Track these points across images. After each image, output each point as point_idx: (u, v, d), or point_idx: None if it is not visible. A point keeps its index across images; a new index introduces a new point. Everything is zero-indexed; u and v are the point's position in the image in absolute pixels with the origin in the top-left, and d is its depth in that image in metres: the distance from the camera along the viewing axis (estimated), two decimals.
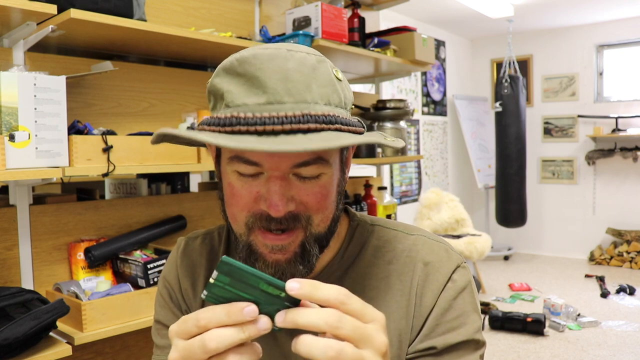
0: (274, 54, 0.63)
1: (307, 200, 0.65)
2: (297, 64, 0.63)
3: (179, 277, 0.84)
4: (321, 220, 0.67)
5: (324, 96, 0.63)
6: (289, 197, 0.64)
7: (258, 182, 0.64)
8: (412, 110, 2.79)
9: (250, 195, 0.65)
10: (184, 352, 0.50)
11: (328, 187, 0.66)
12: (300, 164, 0.63)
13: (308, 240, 0.66)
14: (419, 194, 5.40)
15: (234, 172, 0.65)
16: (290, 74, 0.62)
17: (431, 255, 0.74)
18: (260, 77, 0.62)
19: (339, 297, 0.50)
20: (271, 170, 0.63)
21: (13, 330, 1.21)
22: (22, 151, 1.29)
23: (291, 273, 0.66)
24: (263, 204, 0.64)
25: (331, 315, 0.48)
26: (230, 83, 0.64)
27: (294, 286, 0.49)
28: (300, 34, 2.00)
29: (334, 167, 0.67)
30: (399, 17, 5.01)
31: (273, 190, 0.63)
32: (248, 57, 0.64)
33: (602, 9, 5.18)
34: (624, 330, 3.66)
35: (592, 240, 5.81)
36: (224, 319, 0.49)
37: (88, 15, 1.40)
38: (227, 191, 0.68)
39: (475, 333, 0.71)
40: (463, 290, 0.73)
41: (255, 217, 0.65)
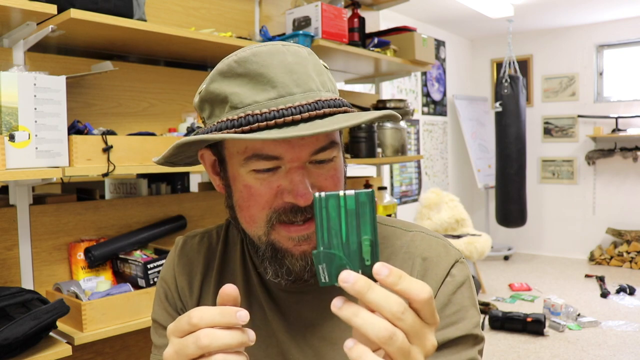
0: (272, 49, 0.65)
1: (325, 184, 0.67)
2: (295, 57, 0.66)
3: (176, 275, 0.84)
4: None
5: (324, 84, 0.67)
6: (311, 184, 0.65)
7: (277, 177, 0.65)
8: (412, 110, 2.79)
9: (270, 192, 0.66)
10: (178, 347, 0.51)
11: (340, 170, 0.69)
12: (319, 150, 0.65)
13: None
14: (419, 194, 5.40)
15: (250, 172, 0.66)
16: (293, 67, 0.64)
17: (429, 250, 0.75)
18: (266, 73, 0.63)
19: (422, 295, 0.47)
20: (292, 161, 0.64)
21: (13, 330, 1.21)
22: (22, 151, 1.29)
23: None
24: (287, 197, 0.65)
25: (397, 304, 0.46)
26: (231, 85, 0.65)
27: (382, 271, 0.47)
28: (300, 34, 2.00)
29: (341, 150, 0.71)
30: (399, 17, 5.01)
31: (297, 180, 0.64)
32: (247, 56, 0.65)
33: (602, 9, 5.18)
34: (624, 330, 3.66)
35: (592, 240, 5.81)
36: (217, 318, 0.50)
37: (88, 15, 1.40)
38: (243, 194, 0.68)
39: (474, 328, 0.71)
40: (462, 285, 0.73)
41: (279, 212, 0.66)
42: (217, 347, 0.49)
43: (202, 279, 0.82)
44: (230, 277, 0.81)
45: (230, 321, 0.50)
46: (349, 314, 0.46)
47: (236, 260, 0.81)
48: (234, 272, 0.81)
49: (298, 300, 0.75)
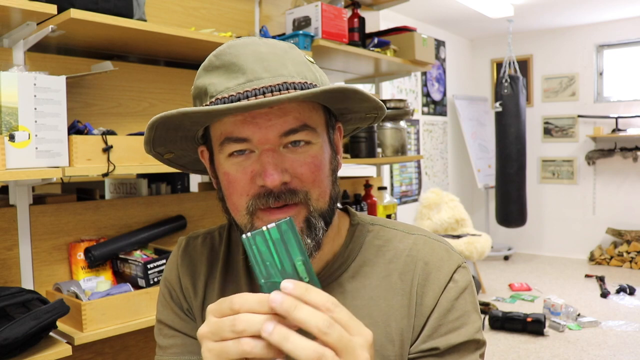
0: (247, 41, 0.68)
1: (300, 171, 0.66)
2: (270, 48, 0.68)
3: (180, 276, 0.84)
4: (319, 195, 0.68)
5: (300, 73, 0.67)
6: (283, 169, 0.65)
7: (250, 162, 0.66)
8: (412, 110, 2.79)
9: (245, 177, 0.67)
10: (214, 326, 0.52)
11: (320, 158, 0.68)
12: (288, 132, 0.65)
13: (312, 214, 0.68)
14: (419, 194, 5.40)
15: (227, 158, 0.67)
16: (265, 56, 0.66)
17: (432, 255, 0.75)
18: (237, 62, 0.66)
19: (326, 304, 0.50)
20: (261, 143, 0.65)
21: (13, 330, 1.21)
22: (22, 151, 1.29)
23: None
24: (258, 179, 0.66)
25: (322, 320, 0.49)
26: (211, 77, 0.68)
27: (287, 286, 0.50)
28: (300, 34, 2.00)
29: (322, 139, 0.69)
30: (399, 17, 5.01)
31: (265, 162, 0.65)
32: (223, 49, 0.68)
33: (602, 9, 5.18)
34: (624, 330, 3.66)
35: (592, 240, 5.81)
36: (256, 306, 0.51)
37: (88, 15, 1.40)
38: (224, 182, 0.69)
39: (476, 333, 0.72)
40: (464, 291, 0.73)
41: (255, 198, 0.66)
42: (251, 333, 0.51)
43: (205, 281, 0.82)
44: (234, 278, 0.81)
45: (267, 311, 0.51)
46: (279, 338, 0.48)
47: (239, 261, 0.81)
48: (237, 273, 0.81)
49: None
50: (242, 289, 0.79)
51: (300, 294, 0.50)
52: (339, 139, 0.77)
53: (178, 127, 0.69)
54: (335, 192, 0.72)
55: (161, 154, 0.76)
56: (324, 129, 0.71)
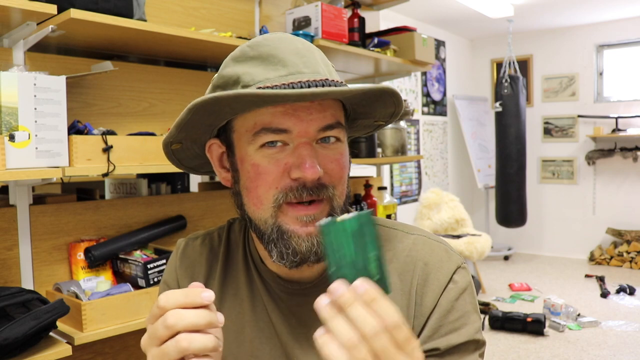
0: (282, 36, 0.69)
1: (331, 167, 0.68)
2: (304, 45, 0.69)
3: (178, 278, 0.84)
4: (340, 193, 0.70)
5: (330, 72, 0.70)
6: (318, 163, 0.66)
7: (285, 154, 0.67)
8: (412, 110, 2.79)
9: (278, 170, 0.66)
10: (150, 331, 0.53)
11: (345, 157, 0.71)
12: (326, 127, 0.67)
13: (335, 211, 0.69)
14: (419, 194, 5.40)
15: (259, 149, 0.67)
16: (302, 51, 0.68)
17: (431, 255, 0.75)
18: (277, 54, 0.66)
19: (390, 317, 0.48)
20: (300, 136, 0.66)
21: (13, 330, 1.21)
22: (22, 151, 1.29)
23: None
24: (295, 172, 0.66)
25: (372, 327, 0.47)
26: (244, 67, 0.67)
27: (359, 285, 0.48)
28: (300, 34, 2.00)
29: (346, 138, 0.72)
30: (399, 17, 5.01)
31: (305, 154, 0.65)
32: (259, 40, 0.68)
33: (602, 9, 5.18)
34: (624, 330, 3.66)
35: (592, 240, 5.81)
36: (181, 299, 0.52)
37: (88, 15, 1.40)
38: (251, 174, 0.68)
39: (476, 333, 0.72)
40: (464, 291, 0.73)
41: (286, 191, 0.66)
42: (183, 326, 0.51)
43: (204, 282, 0.82)
44: (233, 279, 0.80)
45: (194, 301, 0.52)
46: (327, 315, 0.48)
47: (239, 262, 0.81)
48: (237, 274, 0.80)
49: (300, 302, 0.75)
50: (242, 289, 0.79)
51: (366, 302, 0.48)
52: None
53: (215, 112, 0.68)
54: (348, 191, 0.75)
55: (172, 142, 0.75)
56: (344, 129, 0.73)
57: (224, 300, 0.80)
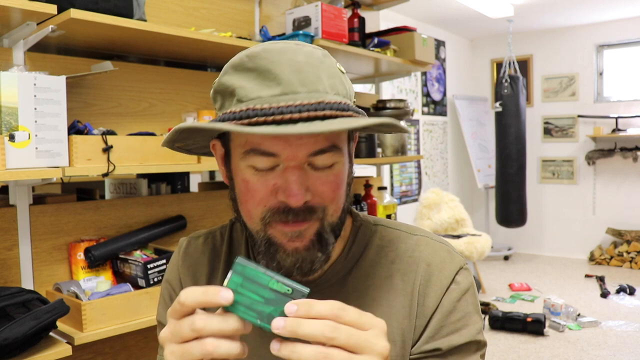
0: (284, 47, 0.65)
1: (322, 190, 0.66)
2: (307, 57, 0.65)
3: (181, 278, 0.84)
4: (334, 210, 0.68)
5: (334, 87, 0.66)
6: (306, 187, 0.65)
7: (274, 175, 0.65)
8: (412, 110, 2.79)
9: (266, 189, 0.65)
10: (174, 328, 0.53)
11: (341, 177, 0.68)
12: (317, 152, 0.64)
13: (324, 229, 0.68)
14: (419, 194, 5.40)
15: (249, 167, 0.66)
16: (302, 66, 0.64)
17: (434, 256, 0.75)
18: (273, 69, 0.63)
19: (333, 310, 0.51)
20: (288, 160, 0.64)
21: (13, 330, 1.21)
22: (22, 151, 1.29)
23: (311, 260, 0.67)
24: (281, 195, 0.65)
25: (326, 326, 0.50)
26: (240, 79, 0.65)
27: (292, 309, 0.52)
28: (300, 34, 2.00)
29: (345, 157, 0.69)
30: (399, 17, 5.01)
31: (291, 180, 0.63)
32: (259, 51, 0.65)
33: (602, 9, 5.18)
34: (624, 330, 3.66)
35: (592, 240, 5.81)
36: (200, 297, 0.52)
37: (88, 15, 1.40)
38: (241, 188, 0.68)
39: (478, 334, 0.72)
40: (466, 292, 0.73)
41: (272, 211, 0.66)
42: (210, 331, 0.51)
43: (207, 281, 0.82)
44: None
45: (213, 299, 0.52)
46: (287, 352, 0.51)
47: None
48: None
49: None
50: None
51: (305, 312, 0.51)
52: (354, 146, 0.77)
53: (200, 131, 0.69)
54: (348, 203, 0.72)
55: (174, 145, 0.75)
56: (346, 144, 0.70)
57: None
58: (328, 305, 0.52)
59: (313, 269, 0.68)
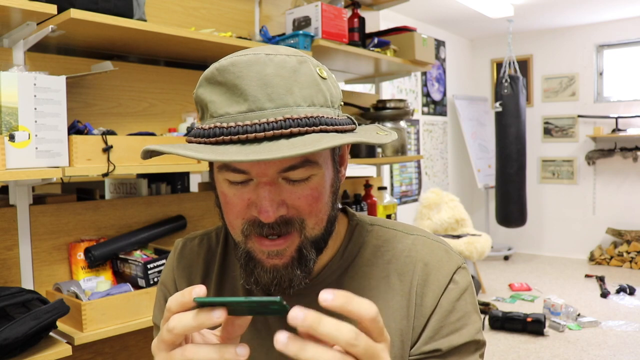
0: (251, 60, 0.63)
1: (298, 204, 0.65)
2: (276, 68, 0.62)
3: (176, 279, 0.84)
4: (315, 224, 0.67)
5: (307, 98, 0.63)
6: (279, 202, 0.63)
7: (248, 189, 0.65)
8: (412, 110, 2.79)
9: (242, 203, 0.65)
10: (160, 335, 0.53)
11: (319, 189, 0.66)
12: (288, 169, 0.63)
13: (304, 244, 0.66)
14: (419, 194, 5.40)
15: (225, 180, 0.66)
16: (270, 79, 0.62)
17: (431, 255, 0.74)
18: (240, 85, 0.62)
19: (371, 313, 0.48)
20: (259, 176, 0.63)
21: (13, 330, 1.21)
22: (22, 151, 1.29)
23: (289, 278, 0.66)
24: (254, 210, 0.64)
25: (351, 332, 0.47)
26: (212, 93, 0.64)
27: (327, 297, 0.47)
28: (300, 34, 2.00)
29: (325, 167, 0.67)
30: (399, 17, 5.01)
31: (262, 196, 0.63)
32: (227, 65, 0.63)
33: (602, 9, 5.18)
34: (624, 330, 3.66)
35: (592, 240, 5.81)
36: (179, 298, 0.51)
37: (88, 15, 1.40)
38: (221, 199, 0.69)
39: (477, 334, 0.72)
40: (465, 292, 0.73)
41: (249, 224, 0.65)
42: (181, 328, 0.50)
43: (202, 282, 0.81)
44: (231, 279, 0.80)
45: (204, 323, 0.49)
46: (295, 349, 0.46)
47: (236, 263, 0.81)
48: (234, 274, 0.80)
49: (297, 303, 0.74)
50: (239, 288, 0.79)
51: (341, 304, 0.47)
52: (347, 149, 0.75)
53: None
54: (334, 213, 0.71)
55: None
56: (329, 153, 0.69)
57: None
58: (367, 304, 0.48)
59: (292, 285, 0.67)
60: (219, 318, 0.48)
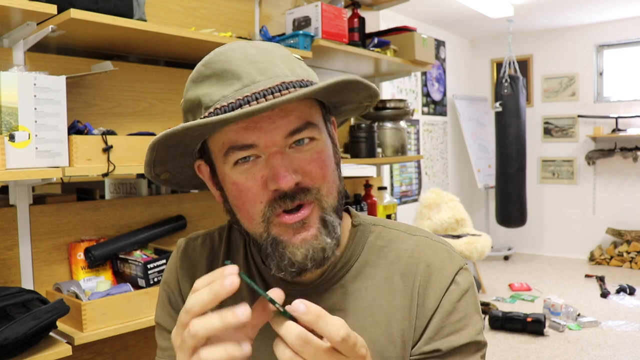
0: (233, 46, 0.67)
1: (309, 169, 0.66)
2: (258, 49, 0.67)
3: (179, 279, 0.84)
4: (328, 191, 0.68)
5: (293, 70, 0.67)
6: (293, 169, 0.65)
7: (259, 167, 0.66)
8: (412, 110, 2.79)
9: (256, 184, 0.66)
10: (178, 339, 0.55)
11: (325, 153, 0.68)
12: (293, 132, 0.65)
13: (326, 212, 0.68)
14: (419, 194, 5.40)
15: (233, 168, 0.66)
16: (256, 57, 0.66)
17: (433, 256, 0.75)
18: (230, 68, 0.65)
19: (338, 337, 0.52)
20: (267, 147, 0.64)
21: (13, 330, 1.21)
22: (22, 151, 1.29)
23: (321, 247, 0.67)
24: (271, 184, 0.65)
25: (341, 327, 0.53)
26: (203, 88, 0.66)
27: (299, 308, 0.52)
28: (300, 34, 2.00)
29: (324, 134, 0.69)
30: (399, 17, 5.01)
31: (277, 164, 0.64)
32: (211, 57, 0.67)
33: (602, 9, 5.18)
34: (624, 330, 3.66)
35: (592, 240, 5.81)
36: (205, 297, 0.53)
37: (88, 15, 1.40)
38: (234, 193, 0.68)
39: (478, 334, 0.72)
40: (466, 292, 0.73)
41: (270, 204, 0.66)
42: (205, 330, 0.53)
43: None
44: None
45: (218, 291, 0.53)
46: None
47: (239, 262, 0.81)
48: None
49: None
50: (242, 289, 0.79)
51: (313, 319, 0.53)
52: (335, 131, 0.77)
53: (179, 144, 0.68)
54: (341, 186, 0.72)
55: (158, 174, 0.75)
56: (324, 124, 0.71)
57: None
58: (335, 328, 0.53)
59: (326, 256, 0.67)
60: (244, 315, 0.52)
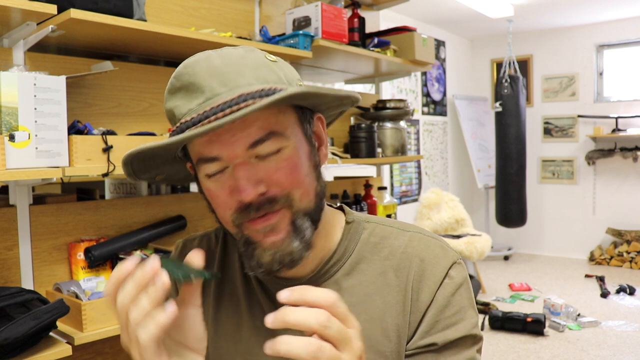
0: (200, 57, 0.67)
1: (276, 177, 0.66)
2: (224, 59, 0.67)
3: None
4: (302, 195, 0.68)
5: (260, 77, 0.66)
6: (256, 180, 0.65)
7: (227, 177, 0.67)
8: (412, 110, 2.79)
9: (225, 193, 0.67)
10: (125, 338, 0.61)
11: (294, 160, 0.67)
12: (256, 143, 0.65)
13: (297, 216, 0.68)
14: (419, 194, 5.40)
15: (205, 176, 0.68)
16: (219, 69, 0.66)
17: (427, 251, 0.75)
18: (195, 81, 0.66)
19: (329, 299, 0.53)
20: (231, 159, 0.65)
21: (13, 330, 1.21)
22: (22, 151, 1.29)
23: (289, 251, 0.67)
24: (236, 195, 0.66)
25: (322, 315, 0.51)
26: (175, 100, 0.68)
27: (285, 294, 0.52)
28: (300, 34, 2.00)
29: (296, 139, 0.68)
30: (399, 17, 5.01)
31: (239, 177, 0.65)
32: (181, 69, 0.68)
33: (602, 9, 5.18)
34: (624, 330, 3.66)
35: (592, 240, 5.81)
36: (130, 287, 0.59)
37: (88, 15, 1.40)
38: (208, 196, 0.71)
39: (473, 328, 0.73)
40: (460, 287, 0.73)
41: (237, 212, 0.67)
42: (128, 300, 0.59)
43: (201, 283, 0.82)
44: (230, 279, 0.81)
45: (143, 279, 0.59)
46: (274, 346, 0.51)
47: (235, 262, 0.81)
48: (233, 274, 0.81)
49: None
50: (238, 288, 0.79)
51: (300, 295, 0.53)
52: (322, 129, 0.75)
53: (152, 156, 0.71)
54: (320, 187, 0.71)
55: (153, 177, 0.77)
56: (297, 127, 0.69)
57: (221, 299, 0.80)
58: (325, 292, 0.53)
59: (294, 259, 0.67)
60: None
